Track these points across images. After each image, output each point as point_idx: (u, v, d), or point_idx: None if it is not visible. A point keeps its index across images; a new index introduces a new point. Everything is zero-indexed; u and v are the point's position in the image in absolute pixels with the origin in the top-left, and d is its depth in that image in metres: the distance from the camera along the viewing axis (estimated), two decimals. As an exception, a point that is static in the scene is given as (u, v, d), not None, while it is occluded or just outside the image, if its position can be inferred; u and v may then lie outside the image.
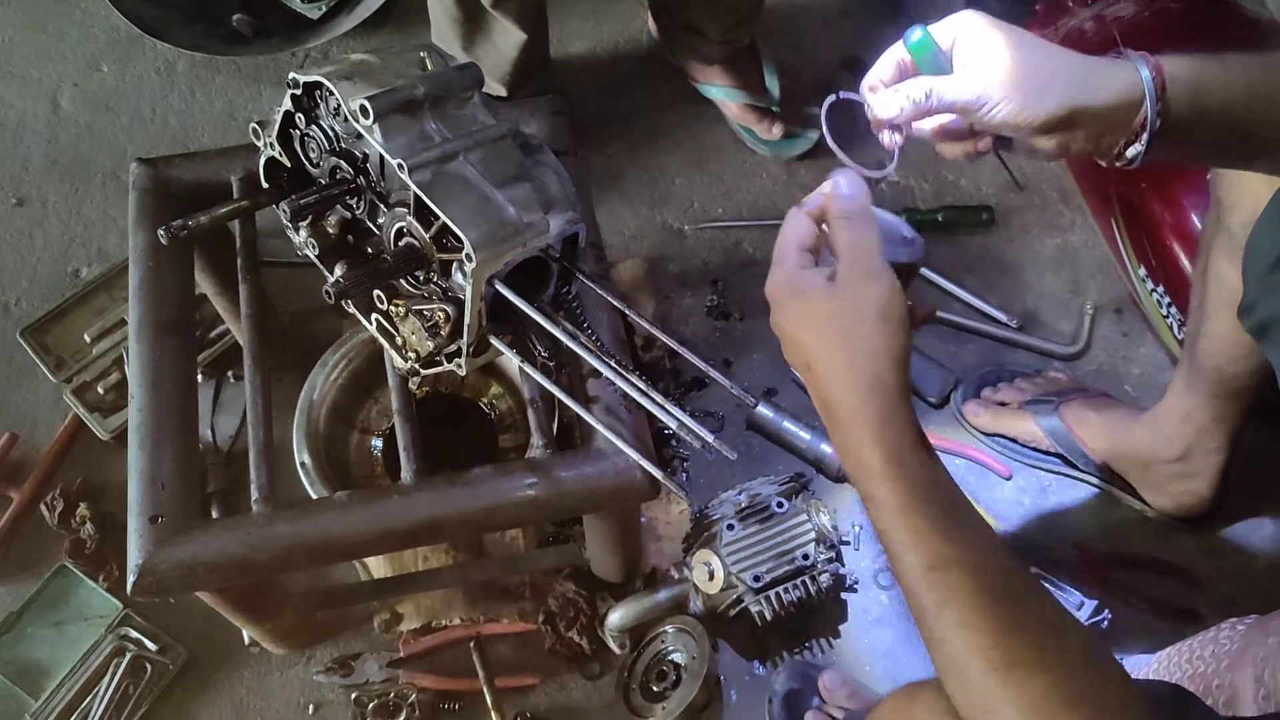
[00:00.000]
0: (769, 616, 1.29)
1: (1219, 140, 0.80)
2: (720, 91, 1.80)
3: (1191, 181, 1.40)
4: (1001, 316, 1.62)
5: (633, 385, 0.93)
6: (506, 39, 1.60)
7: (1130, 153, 0.76)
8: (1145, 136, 0.75)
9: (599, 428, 0.97)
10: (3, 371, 1.61)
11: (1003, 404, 1.52)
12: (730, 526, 1.31)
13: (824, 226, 0.80)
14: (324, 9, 1.90)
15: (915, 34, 0.79)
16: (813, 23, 1.95)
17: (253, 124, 1.03)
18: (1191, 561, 1.43)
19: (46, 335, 1.61)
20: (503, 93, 1.69)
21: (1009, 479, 1.50)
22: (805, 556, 1.29)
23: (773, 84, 1.77)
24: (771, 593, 1.29)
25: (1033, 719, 0.66)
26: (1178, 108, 0.74)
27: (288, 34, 1.90)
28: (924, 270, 1.65)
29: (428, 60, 0.98)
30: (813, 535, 1.31)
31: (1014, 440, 1.50)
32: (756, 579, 1.28)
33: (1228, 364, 1.21)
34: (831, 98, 0.86)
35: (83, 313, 1.63)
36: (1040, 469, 1.50)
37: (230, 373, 1.58)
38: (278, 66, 1.90)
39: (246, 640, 1.36)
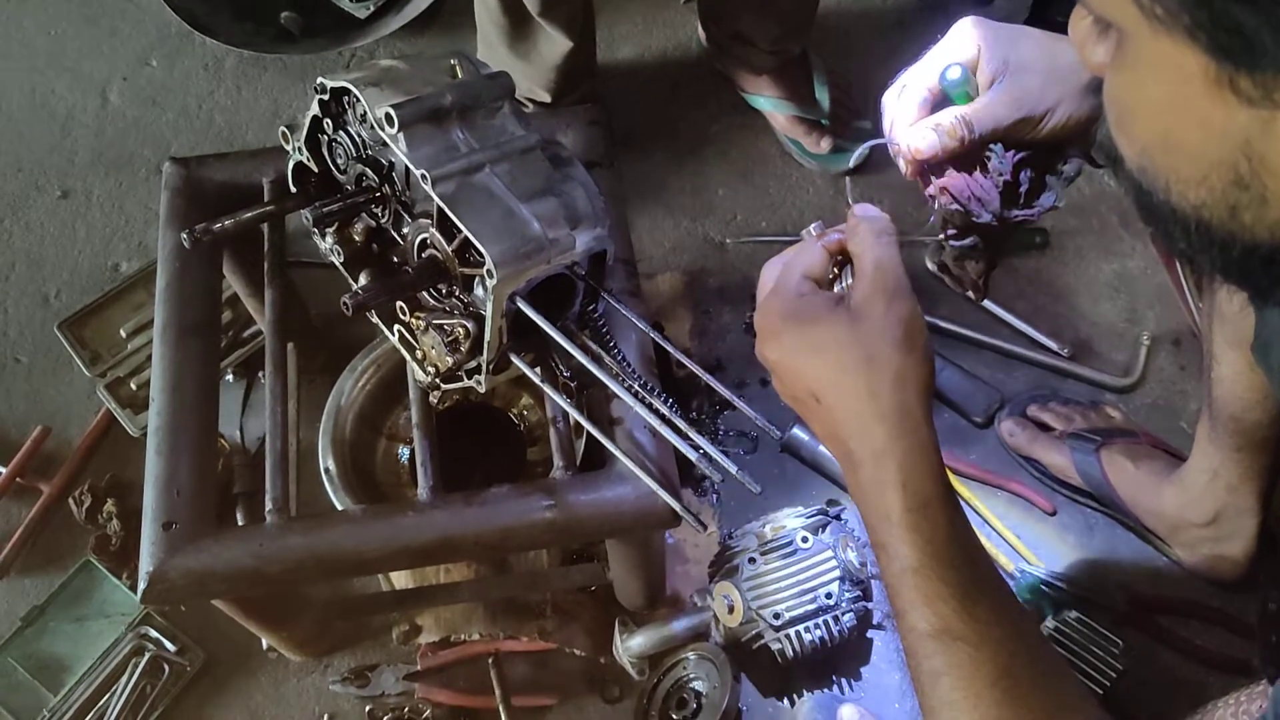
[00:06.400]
0: (790, 655, 1.24)
1: None
2: (768, 102, 1.75)
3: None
4: (1052, 344, 1.55)
5: (655, 413, 0.90)
6: (552, 46, 1.57)
7: None
8: None
9: (619, 455, 0.94)
10: (40, 364, 1.62)
11: (1044, 426, 1.45)
12: (751, 560, 1.26)
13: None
14: (371, 8, 1.89)
15: (954, 71, 0.76)
16: (866, 34, 1.89)
17: (282, 127, 1.01)
18: (1244, 610, 1.36)
19: (84, 329, 1.61)
20: (547, 99, 1.66)
21: (1053, 515, 1.43)
22: (828, 596, 1.24)
23: (823, 96, 1.72)
24: (792, 630, 1.24)
25: None
26: None
27: (335, 33, 1.89)
28: (968, 293, 1.59)
29: (458, 68, 0.95)
30: (838, 574, 1.25)
31: (1045, 470, 1.43)
32: (776, 616, 1.23)
33: (1244, 411, 1.14)
34: (863, 148, 0.85)
35: (120, 307, 1.63)
36: (1081, 504, 1.43)
37: (261, 373, 1.56)
38: (324, 65, 1.89)
39: (264, 646, 1.34)
